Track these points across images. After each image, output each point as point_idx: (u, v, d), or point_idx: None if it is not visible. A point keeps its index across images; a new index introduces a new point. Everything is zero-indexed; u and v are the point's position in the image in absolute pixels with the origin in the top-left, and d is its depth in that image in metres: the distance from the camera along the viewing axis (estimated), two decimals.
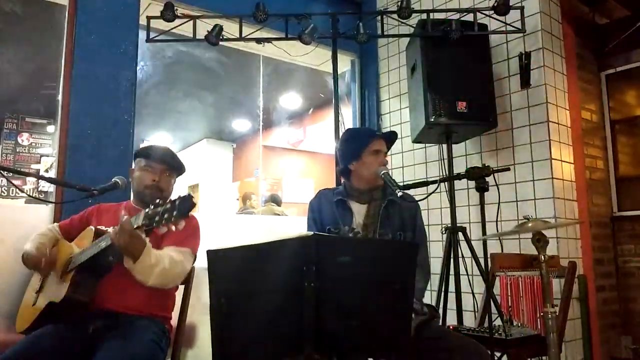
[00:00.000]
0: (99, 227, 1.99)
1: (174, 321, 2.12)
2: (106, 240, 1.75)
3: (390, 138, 2.19)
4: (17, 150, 6.08)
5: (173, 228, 1.54)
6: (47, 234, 2.11)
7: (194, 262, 2.09)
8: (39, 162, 6.10)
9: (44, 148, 6.17)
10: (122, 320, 1.84)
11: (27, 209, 3.05)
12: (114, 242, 1.70)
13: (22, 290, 2.10)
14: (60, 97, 2.79)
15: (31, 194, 4.92)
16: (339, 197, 2.10)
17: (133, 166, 2.18)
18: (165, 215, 1.54)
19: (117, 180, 2.01)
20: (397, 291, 1.32)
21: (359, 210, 2.09)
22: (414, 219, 2.11)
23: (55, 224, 2.21)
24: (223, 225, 3.19)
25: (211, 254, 1.29)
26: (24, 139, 6.13)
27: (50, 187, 4.68)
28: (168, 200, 1.58)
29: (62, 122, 2.74)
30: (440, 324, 2.08)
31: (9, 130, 6.09)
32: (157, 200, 1.62)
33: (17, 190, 5.23)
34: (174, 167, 2.14)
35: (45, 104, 5.81)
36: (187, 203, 1.53)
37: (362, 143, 2.10)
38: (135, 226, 1.66)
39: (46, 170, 5.85)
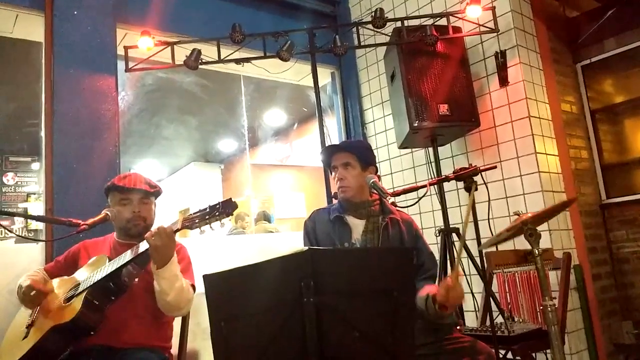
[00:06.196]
0: None
1: (175, 350, 2.09)
2: (124, 257, 1.79)
3: (336, 149, 2.11)
4: (3, 191, 6.01)
5: (219, 225, 1.64)
6: (39, 274, 2.06)
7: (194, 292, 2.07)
8: (26, 201, 6.03)
9: (30, 186, 6.10)
10: (121, 355, 1.81)
11: (17, 249, 3.00)
12: (149, 242, 1.73)
13: None
14: (43, 134, 2.78)
15: (20, 234, 4.86)
16: (336, 213, 2.07)
17: (108, 201, 2.09)
18: (207, 217, 1.64)
19: (107, 212, 1.99)
20: (396, 299, 1.32)
21: (356, 225, 2.05)
22: (413, 232, 2.06)
23: (41, 268, 2.15)
24: (217, 248, 3.17)
25: (208, 279, 1.28)
26: (9, 178, 6.06)
27: (39, 225, 4.62)
28: (207, 206, 1.66)
29: (46, 158, 2.73)
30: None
31: None
32: (196, 211, 1.70)
33: (6, 230, 5.16)
34: (150, 192, 2.08)
35: (28, 141, 5.77)
36: (230, 205, 1.64)
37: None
38: (174, 229, 1.71)
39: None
